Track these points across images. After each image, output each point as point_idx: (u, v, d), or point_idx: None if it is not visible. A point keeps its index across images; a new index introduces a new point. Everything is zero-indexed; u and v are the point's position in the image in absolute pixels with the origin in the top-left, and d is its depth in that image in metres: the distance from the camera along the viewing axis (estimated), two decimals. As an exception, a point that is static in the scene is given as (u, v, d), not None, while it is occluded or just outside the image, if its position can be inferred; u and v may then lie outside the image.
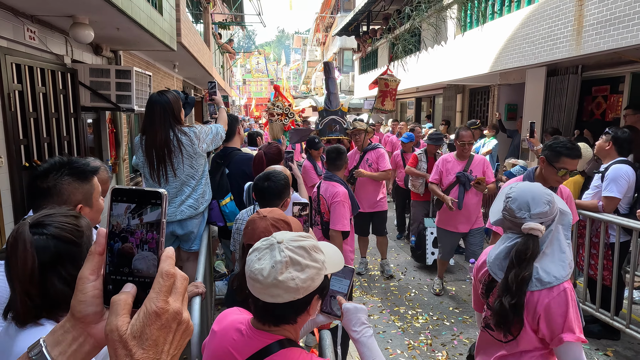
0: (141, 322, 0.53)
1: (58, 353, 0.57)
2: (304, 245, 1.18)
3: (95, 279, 0.58)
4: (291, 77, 45.73)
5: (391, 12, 13.17)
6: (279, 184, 2.28)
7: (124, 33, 3.97)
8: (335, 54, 24.84)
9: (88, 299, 0.57)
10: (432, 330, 4.02)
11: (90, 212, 1.58)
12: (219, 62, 13.67)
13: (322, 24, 29.44)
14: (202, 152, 3.08)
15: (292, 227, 1.67)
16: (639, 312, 3.60)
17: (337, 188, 3.54)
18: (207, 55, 9.05)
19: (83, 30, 3.34)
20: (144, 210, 0.57)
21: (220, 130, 3.21)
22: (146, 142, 2.92)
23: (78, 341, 0.58)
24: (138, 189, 0.58)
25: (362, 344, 1.42)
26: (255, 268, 1.15)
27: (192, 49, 6.49)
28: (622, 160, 3.52)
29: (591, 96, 6.84)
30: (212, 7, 10.78)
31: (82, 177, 1.55)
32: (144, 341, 0.53)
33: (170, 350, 0.55)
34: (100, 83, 4.06)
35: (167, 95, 2.91)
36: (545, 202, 1.66)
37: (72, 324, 0.58)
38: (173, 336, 0.55)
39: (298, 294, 1.14)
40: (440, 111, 11.55)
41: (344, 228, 3.48)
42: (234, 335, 1.27)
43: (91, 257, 0.58)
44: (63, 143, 3.74)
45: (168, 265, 0.56)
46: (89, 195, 1.57)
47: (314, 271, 1.16)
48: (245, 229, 1.66)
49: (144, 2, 3.66)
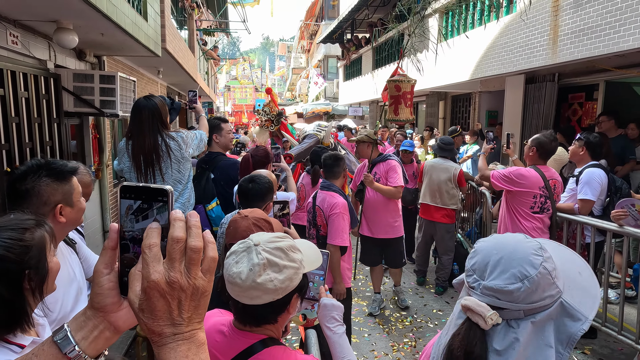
0: (144, 295, 0.56)
1: (81, 337, 0.61)
2: (280, 246, 1.19)
3: (110, 272, 0.62)
4: (276, 83, 45.80)
5: (375, 20, 13.37)
6: (262, 186, 2.30)
7: (108, 38, 3.97)
8: (320, 61, 25.02)
9: (104, 291, 0.61)
10: (416, 333, 4.08)
11: (72, 212, 1.59)
12: (203, 69, 13.64)
13: (306, 31, 29.65)
14: (188, 156, 3.10)
15: (273, 227, 1.70)
16: (614, 311, 3.72)
17: (336, 199, 3.21)
18: (191, 61, 9.04)
19: (67, 35, 3.33)
20: (152, 209, 0.59)
21: (204, 137, 3.24)
22: (133, 147, 2.91)
23: (99, 328, 0.62)
24: (145, 186, 0.60)
25: (334, 341, 1.47)
26: (233, 272, 1.16)
27: (176, 55, 6.49)
28: (595, 164, 3.66)
29: (568, 103, 7.07)
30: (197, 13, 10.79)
31: (60, 178, 1.56)
32: (151, 312, 0.56)
33: (183, 315, 0.57)
34: (84, 88, 4.03)
35: (154, 100, 2.92)
36: (518, 275, 0.89)
37: (92, 312, 0.62)
38: (179, 302, 0.57)
39: (277, 294, 1.15)
40: (423, 117, 11.73)
41: (344, 243, 3.17)
42: (216, 337, 1.28)
43: (105, 252, 0.62)
44: (45, 148, 3.70)
45: (149, 239, 0.58)
46: (69, 195, 1.58)
47: (292, 271, 1.18)
48: (227, 229, 1.68)
49: (128, 8, 3.67)
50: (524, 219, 3.49)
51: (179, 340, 0.56)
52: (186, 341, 0.57)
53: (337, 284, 3.17)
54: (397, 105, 4.56)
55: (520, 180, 3.43)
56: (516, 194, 3.50)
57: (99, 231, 5.13)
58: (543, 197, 3.46)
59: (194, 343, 0.57)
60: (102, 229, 5.24)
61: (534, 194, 3.45)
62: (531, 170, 3.46)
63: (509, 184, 3.49)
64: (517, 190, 3.47)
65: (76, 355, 0.60)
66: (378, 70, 12.38)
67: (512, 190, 3.50)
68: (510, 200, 3.57)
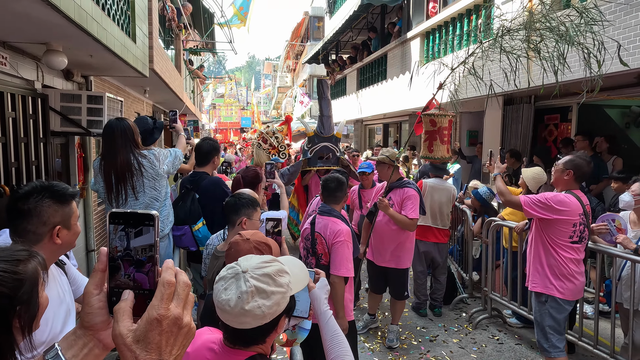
0: (144, 327, 0.61)
1: (71, 356, 0.65)
2: (268, 272, 1.22)
3: (99, 292, 0.66)
4: (261, 102, 46.05)
5: (359, 42, 13.70)
6: (238, 201, 2.43)
7: (97, 60, 4.02)
8: (306, 80, 25.35)
9: (94, 311, 0.65)
10: (400, 350, 4.12)
11: (68, 235, 1.63)
12: (189, 87, 13.73)
13: (292, 51, 30.08)
14: (163, 173, 3.14)
15: (272, 250, 1.77)
16: (590, 326, 3.84)
17: (340, 225, 2.94)
18: (178, 80, 9.12)
19: (56, 57, 3.38)
20: (138, 231, 0.65)
21: (179, 154, 3.31)
22: (105, 166, 2.96)
23: (88, 346, 0.66)
24: (133, 212, 0.65)
25: (332, 318, 1.55)
26: (223, 299, 1.19)
27: (163, 75, 6.56)
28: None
29: (544, 124, 7.34)
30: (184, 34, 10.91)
31: (62, 200, 1.60)
32: (147, 344, 0.60)
33: (172, 352, 0.62)
34: (71, 108, 4.06)
35: (126, 121, 3.00)
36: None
37: (82, 331, 0.66)
38: (175, 339, 0.62)
39: (265, 320, 1.19)
40: (406, 137, 11.96)
41: (349, 273, 2.90)
42: (207, 354, 1.31)
43: (95, 274, 0.67)
44: (31, 168, 3.70)
45: (169, 275, 0.64)
46: (68, 217, 1.63)
47: (279, 296, 1.21)
48: (228, 251, 1.73)
49: (118, 31, 3.75)
50: (562, 249, 3.12)
51: None
52: None
53: (340, 318, 2.83)
54: (432, 142, 4.05)
55: (560, 206, 3.06)
56: (553, 223, 3.10)
57: (82, 250, 5.08)
58: (582, 225, 3.11)
59: None
60: (85, 248, 5.19)
61: (574, 222, 3.08)
62: (570, 196, 3.10)
63: (545, 211, 3.09)
64: (555, 218, 3.08)
65: None
66: (362, 90, 12.64)
67: (549, 218, 3.11)
68: (545, 229, 3.16)
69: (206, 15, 13.02)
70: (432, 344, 4.21)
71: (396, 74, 9.99)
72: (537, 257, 3.24)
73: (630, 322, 3.20)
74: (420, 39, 8.78)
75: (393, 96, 10.14)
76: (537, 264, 3.24)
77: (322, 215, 3.05)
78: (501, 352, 4.02)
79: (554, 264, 3.13)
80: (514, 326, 4.53)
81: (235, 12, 13.02)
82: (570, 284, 3.12)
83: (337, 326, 1.61)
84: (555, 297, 3.13)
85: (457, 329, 4.53)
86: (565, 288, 3.12)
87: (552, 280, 3.14)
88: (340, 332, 1.60)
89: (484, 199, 5.10)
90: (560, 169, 3.20)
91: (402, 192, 3.92)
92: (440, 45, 8.14)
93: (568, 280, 3.11)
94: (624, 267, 3.31)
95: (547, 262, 3.17)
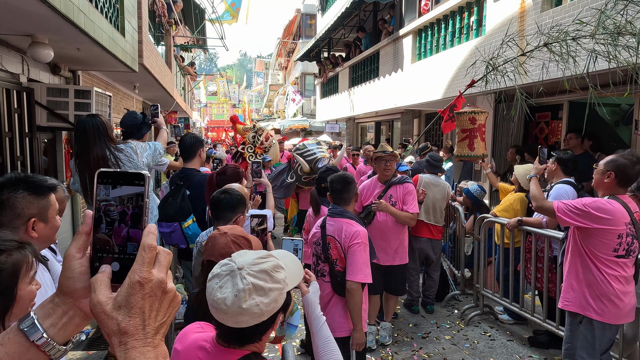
0: (125, 292, 0.57)
1: (49, 325, 0.60)
2: (265, 268, 1.17)
3: (82, 256, 0.62)
4: (253, 100, 45.86)
5: (351, 39, 13.67)
6: (234, 198, 2.31)
7: (84, 53, 3.94)
8: (297, 78, 25.28)
9: (76, 275, 0.61)
10: (392, 347, 4.11)
11: (45, 228, 1.58)
12: (180, 84, 13.59)
13: (284, 49, 29.97)
14: (143, 166, 3.08)
15: (252, 244, 1.72)
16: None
17: (356, 227, 2.68)
18: (168, 76, 9.02)
19: (42, 50, 3.31)
20: (126, 189, 0.61)
21: (159, 147, 3.24)
22: (79, 164, 2.88)
23: (68, 314, 0.61)
24: (122, 171, 0.62)
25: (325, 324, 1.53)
26: (218, 297, 1.13)
27: (153, 71, 6.47)
28: (566, 180, 3.83)
29: (535, 121, 7.37)
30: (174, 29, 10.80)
31: (38, 192, 1.55)
32: (129, 309, 0.56)
33: (158, 317, 0.59)
34: (58, 103, 3.98)
35: (99, 117, 2.91)
36: None
37: (61, 299, 0.61)
38: (160, 304, 0.59)
39: (263, 317, 1.15)
40: (398, 134, 11.97)
41: (366, 279, 2.61)
42: (199, 354, 1.27)
43: (78, 237, 0.62)
44: (16, 163, 3.62)
45: (150, 239, 0.60)
46: (44, 210, 1.57)
47: (277, 293, 1.17)
48: (205, 245, 1.67)
49: (106, 24, 3.67)
50: (604, 264, 2.65)
51: (148, 346, 0.57)
52: (154, 349, 0.57)
53: (357, 331, 2.58)
54: (472, 140, 3.96)
55: (602, 214, 2.59)
56: (594, 233, 2.64)
57: (69, 248, 5.00)
58: (630, 236, 2.63)
59: (160, 353, 0.58)
60: (73, 246, 5.11)
61: (619, 233, 2.60)
62: (613, 202, 2.65)
63: (583, 219, 2.65)
64: (596, 227, 2.62)
65: (44, 342, 0.59)
66: (354, 88, 12.62)
67: (588, 227, 2.65)
68: (584, 240, 2.70)
69: (197, 11, 12.90)
70: (425, 341, 4.20)
71: (388, 72, 9.99)
72: (574, 271, 2.78)
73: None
74: (413, 36, 8.78)
75: (385, 94, 10.14)
76: (572, 279, 2.79)
77: (333, 217, 2.78)
78: (493, 348, 4.03)
79: (593, 282, 2.66)
80: (506, 322, 4.54)
81: (227, 8, 12.92)
82: (613, 305, 2.62)
83: (329, 332, 1.57)
84: (592, 319, 2.67)
85: (449, 325, 4.53)
86: (606, 310, 2.63)
87: (589, 300, 2.67)
88: (332, 338, 1.56)
89: (475, 196, 5.10)
90: (600, 170, 2.78)
91: (402, 188, 3.86)
92: (432, 42, 8.15)
93: (610, 301, 2.62)
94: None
95: (585, 280, 2.71)
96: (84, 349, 3.36)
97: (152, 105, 3.59)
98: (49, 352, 0.60)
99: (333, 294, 2.71)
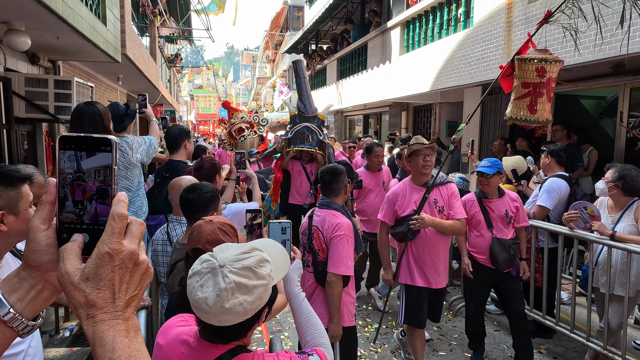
0: (94, 263, 0.54)
1: (16, 300, 0.57)
2: (248, 264, 1.11)
3: (47, 228, 0.58)
4: (240, 93, 45.51)
5: (338, 32, 13.60)
6: (204, 197, 2.12)
7: (64, 42, 3.83)
8: (285, 71, 25.12)
9: (42, 248, 0.57)
10: (381, 339, 4.11)
11: (16, 222, 1.50)
12: (165, 76, 13.38)
13: (271, 41, 29.73)
14: (136, 162, 3.00)
15: (237, 231, 1.66)
16: (567, 311, 3.90)
17: (339, 218, 2.66)
18: (153, 68, 8.85)
19: (18, 38, 3.20)
20: (92, 155, 0.57)
21: (154, 142, 3.14)
22: None
23: (36, 288, 0.58)
24: (86, 135, 0.57)
25: (305, 300, 1.51)
26: (199, 297, 1.08)
27: (137, 62, 6.33)
28: (560, 174, 3.84)
29: (522, 114, 7.42)
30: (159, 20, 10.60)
31: (7, 183, 1.47)
32: (98, 282, 0.53)
33: (129, 290, 0.56)
34: (37, 93, 3.86)
35: (97, 105, 2.81)
36: None
37: (27, 272, 0.58)
38: (130, 277, 0.56)
39: (247, 315, 1.11)
40: (386, 128, 11.97)
41: (348, 271, 2.60)
42: (182, 349, 1.23)
43: (42, 207, 0.58)
44: (-6, 156, 3.51)
45: (120, 208, 0.56)
46: (14, 202, 1.49)
47: (262, 289, 1.11)
48: (190, 234, 1.59)
49: (86, 11, 3.56)
50: None
51: (118, 319, 0.54)
52: (125, 322, 0.55)
53: (334, 323, 2.58)
54: (536, 98, 2.82)
55: None
56: None
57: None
58: None
59: (132, 326, 0.56)
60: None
61: None
62: None
63: None
64: None
65: (12, 318, 0.56)
66: (342, 80, 12.57)
67: None
68: None
69: (182, 1, 12.68)
70: (413, 332, 4.21)
71: (376, 64, 9.96)
72: None
73: (605, 306, 3.25)
74: (401, 28, 8.75)
75: (373, 86, 10.11)
76: None
77: (321, 208, 2.78)
78: (480, 338, 4.06)
79: None
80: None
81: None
82: None
83: (311, 308, 1.53)
84: None
85: (437, 316, 4.55)
86: None
87: None
88: (314, 314, 1.53)
89: (459, 188, 5.10)
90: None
91: (446, 189, 3.19)
92: (420, 34, 8.13)
93: None
94: (600, 252, 3.36)
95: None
96: (67, 345, 3.29)
97: (139, 95, 3.47)
98: (17, 327, 0.57)
99: (317, 284, 2.72)
